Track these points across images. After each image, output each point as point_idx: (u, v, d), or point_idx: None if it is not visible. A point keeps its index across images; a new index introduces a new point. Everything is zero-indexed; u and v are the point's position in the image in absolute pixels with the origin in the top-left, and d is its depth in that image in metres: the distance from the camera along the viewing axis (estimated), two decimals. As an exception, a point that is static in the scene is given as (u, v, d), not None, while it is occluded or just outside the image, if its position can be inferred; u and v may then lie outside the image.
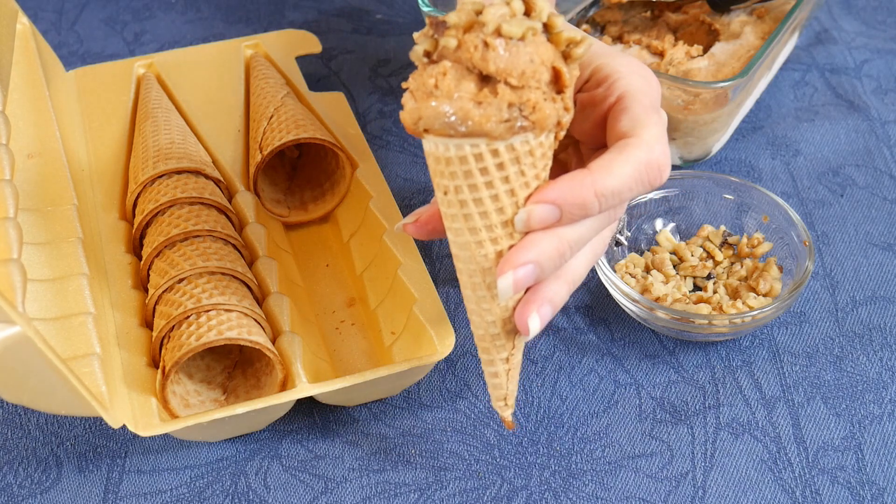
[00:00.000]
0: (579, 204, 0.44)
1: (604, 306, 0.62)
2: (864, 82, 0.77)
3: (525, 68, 0.42)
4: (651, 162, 0.45)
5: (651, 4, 0.76)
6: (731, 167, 0.71)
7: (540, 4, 0.43)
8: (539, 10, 0.43)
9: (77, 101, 0.71)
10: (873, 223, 0.67)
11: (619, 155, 0.45)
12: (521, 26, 0.42)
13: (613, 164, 0.44)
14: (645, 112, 0.46)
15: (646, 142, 0.45)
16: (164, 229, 0.59)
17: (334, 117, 0.69)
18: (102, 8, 0.88)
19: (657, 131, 0.46)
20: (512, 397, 0.50)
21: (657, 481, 0.54)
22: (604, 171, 0.44)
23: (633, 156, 0.45)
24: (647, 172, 0.45)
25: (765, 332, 0.61)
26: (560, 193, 0.44)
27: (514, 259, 0.45)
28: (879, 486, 0.53)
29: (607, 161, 0.45)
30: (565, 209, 0.44)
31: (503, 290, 0.45)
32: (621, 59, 0.49)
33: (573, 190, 0.44)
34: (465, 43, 0.42)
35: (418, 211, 0.52)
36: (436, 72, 0.43)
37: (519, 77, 0.42)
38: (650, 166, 0.45)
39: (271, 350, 0.55)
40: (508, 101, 0.42)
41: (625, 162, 0.45)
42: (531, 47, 0.42)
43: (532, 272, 0.45)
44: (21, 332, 0.44)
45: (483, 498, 0.54)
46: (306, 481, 0.55)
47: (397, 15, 0.86)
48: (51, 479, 0.55)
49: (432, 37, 0.43)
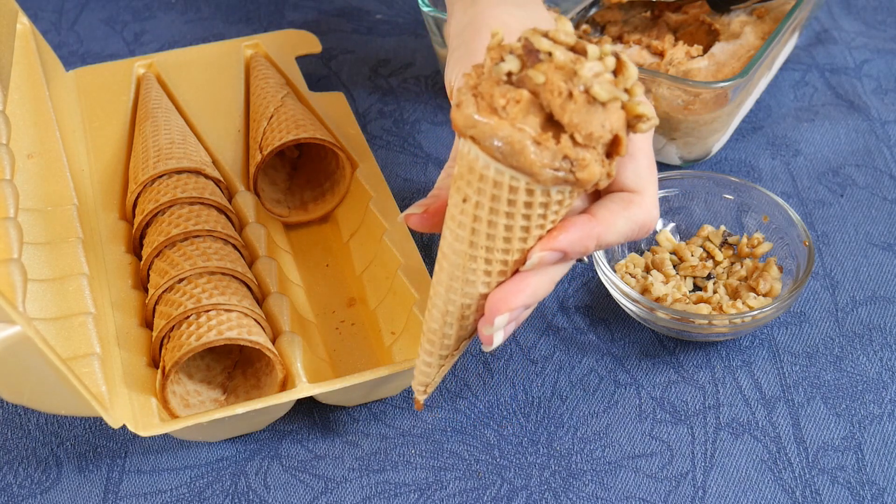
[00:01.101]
0: (581, 250, 0.47)
1: (604, 306, 0.62)
2: (864, 82, 0.77)
3: (594, 130, 0.42)
4: (646, 224, 0.48)
5: (651, 4, 0.76)
6: (731, 167, 0.71)
7: (631, 70, 0.42)
8: (628, 76, 0.42)
9: (77, 101, 0.71)
10: (873, 223, 0.67)
11: (623, 210, 0.47)
12: (611, 93, 0.42)
13: (617, 220, 0.47)
14: (649, 167, 0.48)
15: (647, 204, 0.48)
16: (164, 229, 0.59)
17: (334, 117, 0.69)
18: (102, 8, 0.88)
19: (655, 190, 0.49)
20: (433, 386, 0.51)
21: (657, 481, 0.54)
22: (608, 224, 0.47)
23: (635, 216, 0.47)
24: (639, 231, 0.48)
25: (765, 332, 0.61)
26: (570, 243, 0.46)
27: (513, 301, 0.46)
28: (879, 486, 0.53)
29: (612, 214, 0.47)
30: (570, 253, 0.46)
31: (495, 327, 0.47)
32: None
33: (582, 240, 0.46)
34: (551, 84, 0.42)
35: (423, 202, 0.51)
36: (510, 95, 0.42)
37: (586, 137, 0.42)
38: (643, 227, 0.48)
39: (271, 350, 0.55)
40: (566, 153, 0.42)
41: (626, 220, 0.47)
42: (608, 113, 0.42)
43: (519, 312, 0.47)
44: (21, 332, 0.44)
45: (483, 498, 0.54)
46: (306, 481, 0.55)
47: (397, 15, 0.86)
48: (51, 479, 0.55)
49: (521, 60, 0.43)
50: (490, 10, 0.53)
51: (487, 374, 0.59)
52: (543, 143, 0.42)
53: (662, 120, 0.67)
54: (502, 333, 0.47)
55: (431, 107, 0.76)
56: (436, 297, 0.48)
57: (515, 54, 0.42)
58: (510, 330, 0.48)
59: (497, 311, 0.46)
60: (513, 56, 0.42)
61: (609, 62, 0.42)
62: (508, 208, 0.44)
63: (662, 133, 0.69)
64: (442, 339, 0.49)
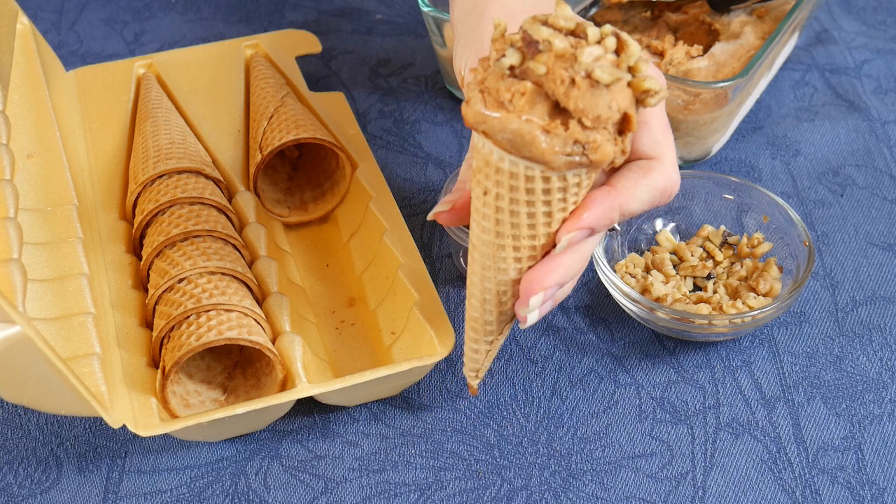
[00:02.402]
0: (606, 223, 0.47)
1: (604, 306, 0.62)
2: (864, 82, 0.77)
3: (602, 112, 0.42)
4: (667, 189, 0.48)
5: (651, 4, 0.76)
6: (731, 167, 0.71)
7: (633, 48, 0.42)
8: (630, 54, 0.42)
9: (77, 101, 0.71)
10: (873, 223, 0.67)
11: (642, 178, 0.47)
12: (612, 75, 0.42)
13: (637, 188, 0.47)
14: (664, 132, 0.48)
15: (666, 169, 0.48)
16: (164, 229, 0.59)
17: (334, 117, 0.69)
18: (102, 8, 0.88)
19: (674, 155, 0.48)
20: (484, 371, 0.53)
21: (657, 481, 0.54)
22: (628, 193, 0.47)
23: (655, 182, 0.48)
24: (661, 197, 0.48)
25: (765, 332, 0.61)
26: (595, 219, 0.46)
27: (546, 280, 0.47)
28: (879, 486, 0.53)
29: (632, 183, 0.47)
30: (597, 229, 0.47)
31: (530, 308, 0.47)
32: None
33: (605, 214, 0.46)
34: (553, 73, 0.42)
35: (449, 198, 0.52)
36: (514, 88, 0.42)
37: (594, 120, 0.42)
38: (665, 192, 0.48)
39: (271, 350, 0.55)
40: (576, 137, 0.42)
41: (647, 187, 0.47)
42: (613, 93, 0.42)
43: (554, 291, 0.48)
44: (21, 332, 0.44)
45: (483, 498, 0.54)
46: (306, 481, 0.55)
47: (397, 15, 0.86)
48: (51, 479, 0.55)
49: (522, 52, 0.43)
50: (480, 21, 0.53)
51: (487, 374, 0.59)
52: (553, 131, 0.42)
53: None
54: (537, 313, 0.48)
55: (431, 107, 0.76)
56: (472, 287, 0.49)
57: (516, 47, 0.43)
58: (546, 309, 0.48)
59: (531, 291, 0.47)
60: (513, 49, 0.43)
61: (609, 43, 0.42)
62: (528, 197, 0.44)
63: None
64: (484, 325, 0.50)
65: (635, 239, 0.64)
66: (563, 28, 0.43)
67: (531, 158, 0.43)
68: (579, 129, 0.42)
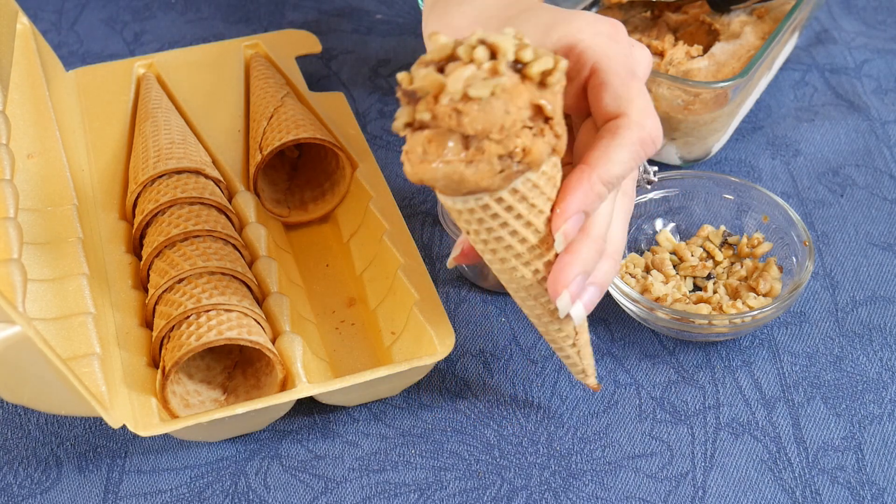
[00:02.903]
0: (595, 199, 0.45)
1: (604, 306, 0.62)
2: (864, 82, 0.77)
3: (503, 121, 0.41)
4: (644, 139, 0.46)
5: (651, 4, 0.76)
6: (731, 167, 0.71)
7: (503, 45, 0.41)
8: (504, 51, 0.41)
9: (77, 101, 0.71)
10: (873, 223, 0.67)
11: (612, 140, 0.45)
12: (488, 87, 0.41)
13: (610, 152, 0.45)
14: (624, 84, 0.46)
15: (635, 121, 0.45)
16: (164, 229, 0.59)
17: (334, 117, 0.69)
18: (102, 8, 0.88)
19: (642, 102, 0.46)
20: (589, 368, 0.54)
21: (657, 481, 0.54)
22: (603, 160, 0.45)
23: (627, 138, 0.45)
24: (643, 149, 0.46)
25: (765, 332, 0.61)
26: (578, 203, 0.45)
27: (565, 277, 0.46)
28: (879, 486, 0.53)
29: (603, 149, 0.45)
30: (588, 209, 0.45)
31: (563, 308, 0.47)
32: (579, 21, 0.47)
33: (586, 193, 0.45)
34: (438, 114, 0.42)
35: (458, 242, 0.52)
36: (421, 139, 0.42)
37: (499, 131, 0.42)
38: (644, 143, 0.46)
39: (271, 350, 0.55)
40: (497, 153, 0.42)
41: (620, 146, 0.45)
42: (503, 99, 0.41)
43: (581, 281, 0.46)
44: (21, 332, 0.44)
45: (483, 498, 0.54)
46: (306, 481, 0.55)
47: (397, 15, 0.86)
48: (51, 479, 0.55)
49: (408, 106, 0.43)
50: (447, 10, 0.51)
51: (487, 374, 0.59)
52: (473, 160, 0.42)
53: (662, 120, 0.67)
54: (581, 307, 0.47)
55: (431, 107, 0.76)
56: (522, 310, 0.51)
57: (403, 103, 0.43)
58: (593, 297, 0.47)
59: (556, 294, 0.46)
60: (402, 109, 0.43)
61: (480, 54, 0.41)
62: (497, 221, 0.45)
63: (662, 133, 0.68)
64: (556, 335, 0.51)
65: (635, 239, 0.64)
66: (438, 59, 0.42)
67: (472, 192, 0.43)
68: (495, 145, 0.42)
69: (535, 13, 0.48)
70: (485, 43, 0.42)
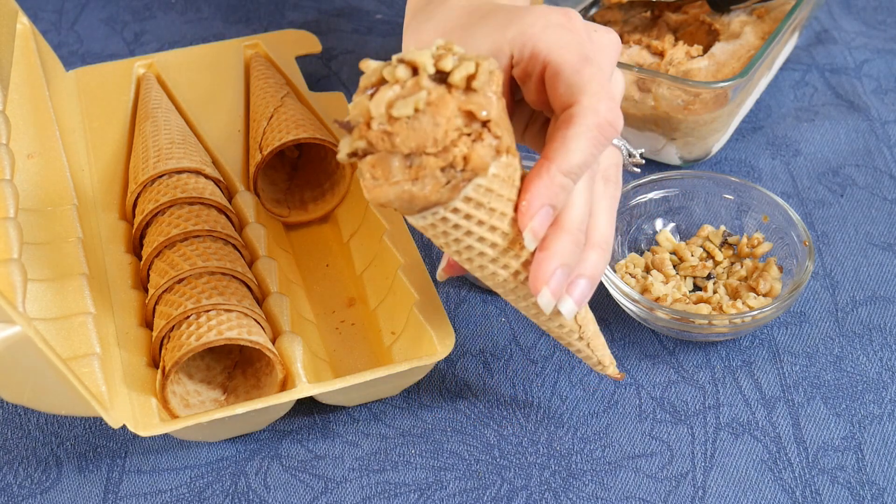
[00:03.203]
0: (559, 191, 0.45)
1: (604, 306, 0.62)
2: (864, 82, 0.77)
3: (434, 134, 0.42)
4: (601, 123, 0.45)
5: (651, 4, 0.76)
6: (731, 167, 0.71)
7: (421, 60, 0.42)
8: (423, 65, 0.42)
9: (77, 101, 0.71)
10: (873, 223, 0.67)
11: (568, 129, 0.45)
12: (409, 104, 0.41)
13: (567, 141, 0.44)
14: (576, 71, 0.45)
15: (588, 106, 0.44)
16: (164, 229, 0.59)
17: (334, 117, 0.69)
18: (102, 8, 0.88)
19: (595, 87, 0.45)
20: (606, 359, 0.54)
21: (657, 481, 0.54)
22: (561, 152, 0.44)
23: (582, 125, 0.44)
24: (601, 133, 0.45)
25: (765, 332, 0.61)
26: (539, 197, 0.44)
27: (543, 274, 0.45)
28: (879, 486, 0.53)
29: (560, 139, 0.45)
30: (553, 203, 0.45)
31: (545, 305, 0.46)
32: (531, 15, 0.47)
33: (548, 187, 0.44)
34: (371, 140, 0.42)
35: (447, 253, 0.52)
36: (367, 166, 0.43)
37: (433, 144, 0.42)
38: (602, 127, 0.45)
39: (271, 350, 0.55)
40: (438, 166, 0.42)
41: (576, 135, 0.44)
42: (429, 113, 0.41)
43: (562, 275, 0.46)
44: (21, 332, 0.44)
45: (483, 498, 0.54)
46: (306, 481, 0.55)
47: (397, 15, 0.86)
48: (51, 479, 0.55)
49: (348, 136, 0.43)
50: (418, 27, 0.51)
51: (487, 374, 0.59)
52: (418, 177, 0.42)
53: (662, 120, 0.67)
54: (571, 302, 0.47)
55: (431, 107, 0.76)
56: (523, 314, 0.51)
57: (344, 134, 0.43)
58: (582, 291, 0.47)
59: (536, 291, 0.46)
60: (343, 140, 0.43)
61: (401, 73, 0.42)
62: (458, 232, 0.45)
63: (662, 133, 0.69)
64: (560, 331, 0.51)
65: (635, 239, 0.64)
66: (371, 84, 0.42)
67: (425, 208, 0.43)
68: (433, 159, 0.42)
69: (492, 17, 0.48)
70: (403, 61, 0.42)
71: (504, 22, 0.47)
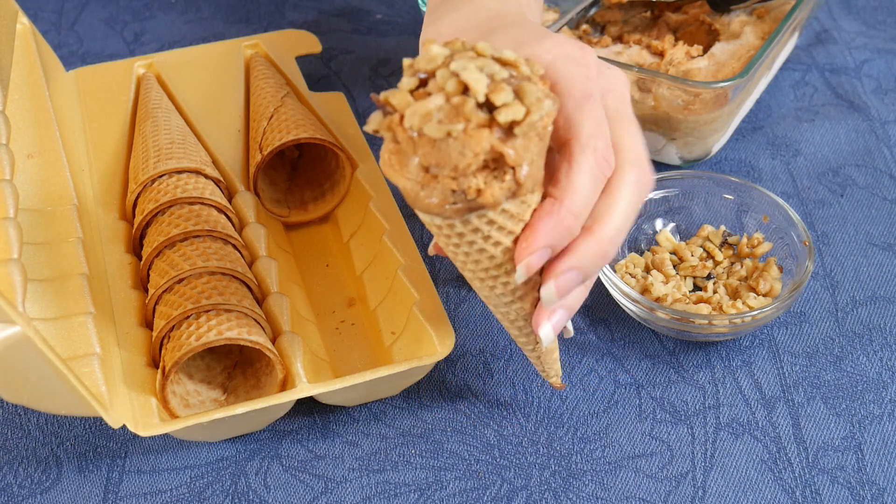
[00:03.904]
0: (564, 234, 0.45)
1: (604, 306, 0.62)
2: (864, 82, 0.77)
3: (457, 162, 0.41)
4: (598, 162, 0.45)
5: (651, 4, 0.76)
6: (731, 167, 0.71)
7: (475, 86, 0.40)
8: (475, 92, 0.40)
9: (77, 101, 0.71)
10: (873, 223, 0.67)
11: (570, 168, 0.45)
12: (442, 130, 0.40)
13: (572, 180, 0.44)
14: (578, 106, 0.45)
15: (585, 143, 0.44)
16: (164, 229, 0.59)
17: (334, 117, 0.69)
18: (102, 8, 0.88)
19: (592, 125, 0.45)
20: (551, 374, 0.54)
21: (657, 481, 0.54)
22: (568, 191, 0.44)
23: (583, 163, 0.44)
24: (600, 170, 0.45)
25: (765, 332, 0.61)
26: (545, 237, 0.44)
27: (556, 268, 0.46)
28: (879, 486, 0.53)
29: (565, 179, 0.45)
30: (554, 245, 0.45)
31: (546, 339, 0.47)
32: (549, 41, 0.47)
33: (554, 227, 0.44)
34: (399, 136, 0.41)
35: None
36: (387, 150, 0.42)
37: (452, 170, 0.41)
38: (600, 165, 0.45)
39: (271, 350, 0.55)
40: (450, 188, 0.41)
41: (578, 172, 0.44)
42: (461, 142, 0.40)
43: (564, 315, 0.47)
44: (21, 332, 0.44)
45: (483, 498, 0.54)
46: (306, 481, 0.55)
47: (397, 15, 0.86)
48: (51, 479, 0.55)
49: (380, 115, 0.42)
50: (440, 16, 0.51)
51: (487, 374, 0.59)
52: (427, 185, 0.42)
53: (662, 120, 0.67)
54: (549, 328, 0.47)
55: (431, 107, 0.76)
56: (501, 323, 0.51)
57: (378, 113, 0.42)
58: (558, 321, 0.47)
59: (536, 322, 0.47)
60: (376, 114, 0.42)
61: (451, 86, 0.40)
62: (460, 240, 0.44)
63: (662, 133, 0.69)
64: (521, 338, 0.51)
65: (635, 239, 0.64)
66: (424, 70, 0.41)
67: (426, 211, 0.43)
68: (449, 180, 0.41)
69: (512, 29, 0.48)
70: (457, 76, 0.40)
71: (521, 39, 0.47)
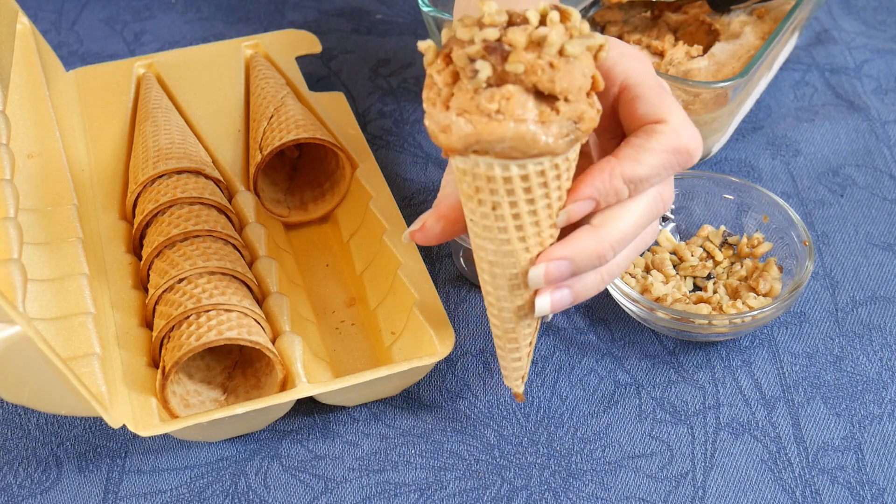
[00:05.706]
0: (610, 192, 0.45)
1: (604, 306, 0.62)
2: (864, 82, 0.77)
3: (581, 83, 0.43)
4: (680, 148, 0.46)
5: (651, 4, 0.76)
6: (731, 167, 0.71)
7: (574, 13, 0.43)
8: (574, 19, 0.43)
9: (77, 101, 0.71)
10: (873, 223, 0.67)
11: (647, 141, 0.45)
12: (582, 45, 0.42)
13: (641, 153, 0.45)
14: (659, 96, 0.46)
15: (674, 128, 0.46)
16: (164, 229, 0.59)
17: (334, 117, 0.69)
18: (102, 8, 0.88)
19: (681, 114, 0.46)
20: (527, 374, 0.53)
21: (657, 481, 0.54)
22: (631, 159, 0.45)
23: (662, 143, 0.45)
24: (677, 158, 0.46)
25: (765, 332, 0.61)
26: (594, 189, 0.45)
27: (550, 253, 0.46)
28: (879, 486, 0.53)
29: (635, 148, 0.45)
30: (599, 199, 0.45)
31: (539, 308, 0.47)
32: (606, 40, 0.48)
33: (605, 183, 0.45)
34: (532, 66, 0.42)
35: (423, 217, 0.51)
36: (499, 96, 0.42)
37: (576, 92, 0.43)
38: (679, 152, 0.46)
39: (271, 350, 0.55)
40: (568, 116, 0.43)
41: (653, 150, 0.45)
42: (583, 62, 0.43)
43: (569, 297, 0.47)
44: (21, 332, 0.44)
45: (483, 498, 0.54)
46: (306, 481, 0.55)
47: (397, 15, 0.86)
48: (51, 479, 0.55)
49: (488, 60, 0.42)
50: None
51: (487, 374, 0.59)
52: (546, 119, 0.43)
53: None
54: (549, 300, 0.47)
55: (431, 107, 0.76)
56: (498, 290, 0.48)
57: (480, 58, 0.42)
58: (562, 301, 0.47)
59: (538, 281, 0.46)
60: (483, 62, 0.42)
61: (554, 16, 0.43)
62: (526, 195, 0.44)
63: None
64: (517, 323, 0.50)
65: (635, 239, 0.64)
66: (500, 23, 0.43)
67: (538, 154, 0.43)
68: (567, 107, 0.43)
69: None
70: (557, 8, 0.43)
71: None
